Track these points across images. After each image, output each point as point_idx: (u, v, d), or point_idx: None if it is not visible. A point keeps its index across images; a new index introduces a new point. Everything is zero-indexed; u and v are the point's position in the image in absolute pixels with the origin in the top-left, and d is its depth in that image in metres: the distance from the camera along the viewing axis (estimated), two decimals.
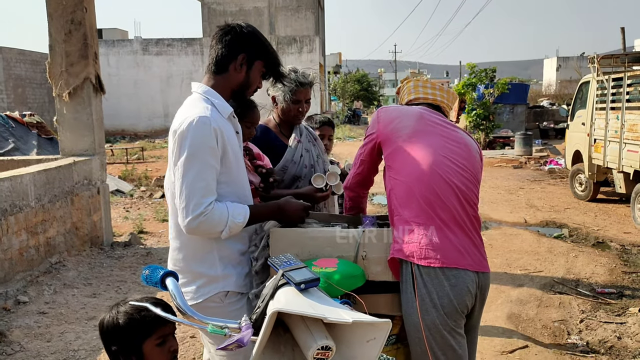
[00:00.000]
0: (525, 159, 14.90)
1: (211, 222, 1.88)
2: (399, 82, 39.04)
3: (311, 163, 2.88)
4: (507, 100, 19.54)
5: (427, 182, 2.06)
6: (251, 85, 2.07)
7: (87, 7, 6.19)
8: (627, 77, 8.09)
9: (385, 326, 1.39)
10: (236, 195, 2.04)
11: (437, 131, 2.20)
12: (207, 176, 1.89)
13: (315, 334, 1.34)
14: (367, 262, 2.07)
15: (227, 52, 2.00)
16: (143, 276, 1.62)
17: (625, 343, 4.01)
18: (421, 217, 2.04)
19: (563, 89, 34.10)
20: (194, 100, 2.00)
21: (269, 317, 1.32)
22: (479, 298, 2.10)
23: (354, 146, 19.54)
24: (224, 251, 2.04)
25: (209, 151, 1.89)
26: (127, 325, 1.56)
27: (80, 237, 6.12)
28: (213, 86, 2.03)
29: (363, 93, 46.41)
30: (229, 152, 1.97)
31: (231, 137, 2.00)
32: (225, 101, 2.03)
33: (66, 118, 6.33)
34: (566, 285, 5.29)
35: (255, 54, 2.03)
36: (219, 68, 2.03)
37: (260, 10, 33.65)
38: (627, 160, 7.85)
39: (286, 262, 1.59)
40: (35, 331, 4.15)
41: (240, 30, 2.02)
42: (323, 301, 1.43)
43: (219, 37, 2.03)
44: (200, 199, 1.86)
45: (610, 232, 7.36)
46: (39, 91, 22.59)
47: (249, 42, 2.02)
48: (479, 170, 2.25)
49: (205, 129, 1.87)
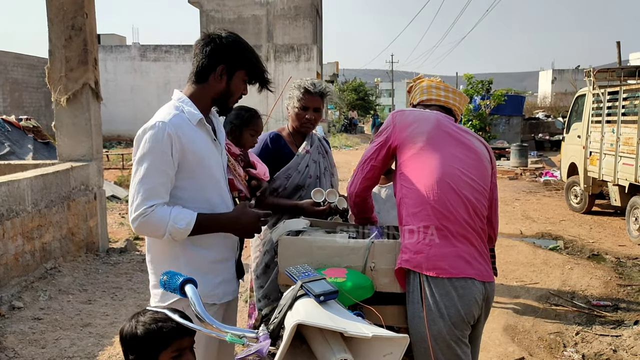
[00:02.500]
0: (520, 170, 14.96)
1: (150, 224, 1.92)
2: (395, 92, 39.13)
3: (317, 174, 2.89)
4: (503, 112, 19.65)
5: (438, 194, 2.07)
6: (233, 94, 2.10)
7: (87, 13, 6.20)
8: (622, 91, 8.17)
9: (403, 341, 1.39)
10: (202, 200, 2.04)
11: (452, 140, 2.19)
12: (154, 179, 1.92)
13: (334, 347, 1.34)
14: (376, 274, 2.07)
15: (207, 63, 2.04)
16: (161, 281, 1.62)
17: (620, 356, 4.02)
18: (430, 228, 2.04)
19: (558, 102, 34.32)
20: (164, 107, 2.06)
21: (290, 330, 1.32)
22: (484, 308, 2.12)
23: (350, 155, 19.54)
24: (192, 258, 2.04)
25: (160, 155, 1.93)
26: (145, 336, 1.55)
27: (76, 243, 6.10)
28: (191, 95, 2.08)
29: (360, 102, 46.53)
30: (190, 158, 1.99)
31: (197, 143, 2.01)
32: (196, 108, 2.05)
33: (64, 123, 6.32)
34: (562, 297, 5.30)
35: (236, 64, 2.05)
36: (199, 78, 2.07)
37: (259, 18, 33.76)
38: (622, 173, 7.90)
39: (305, 273, 1.58)
40: (30, 337, 4.12)
41: (220, 41, 2.03)
42: (341, 314, 1.43)
43: (200, 48, 2.05)
44: (143, 200, 1.91)
45: (606, 245, 7.39)
46: (36, 95, 22.55)
47: (228, 53, 2.04)
48: (488, 181, 2.24)
49: (159, 134, 1.93)
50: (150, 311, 1.60)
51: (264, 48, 29.10)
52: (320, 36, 37.70)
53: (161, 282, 1.63)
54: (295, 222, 2.39)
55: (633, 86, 8.16)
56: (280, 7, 33.82)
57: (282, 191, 2.84)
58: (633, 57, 31.16)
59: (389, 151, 2.27)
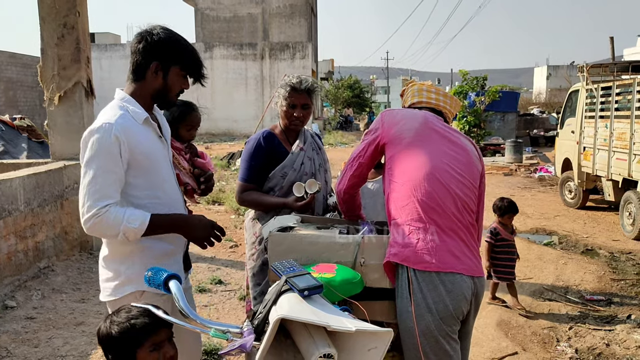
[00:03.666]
0: (515, 166, 14.99)
1: (104, 224, 1.93)
2: (390, 89, 39.19)
3: (312, 171, 2.89)
4: (498, 108, 19.68)
5: (426, 188, 2.07)
6: (170, 90, 2.11)
7: (80, 11, 6.18)
8: (615, 86, 8.19)
9: (387, 335, 1.39)
10: (153, 196, 2.08)
11: (439, 137, 2.21)
12: (103, 180, 1.94)
13: (318, 342, 1.34)
14: (366, 269, 2.07)
15: (141, 60, 2.05)
16: (145, 277, 1.63)
17: (613, 350, 4.04)
18: (418, 222, 2.05)
19: (553, 97, 34.41)
20: (107, 107, 2.07)
21: (273, 324, 1.33)
22: (473, 304, 2.12)
23: (345, 152, 19.55)
24: (145, 251, 2.08)
25: (108, 157, 1.94)
26: (120, 335, 1.58)
27: (69, 242, 6.08)
28: (132, 93, 2.09)
29: (355, 100, 46.52)
30: (138, 156, 2.01)
31: (143, 141, 2.03)
32: (140, 107, 2.07)
33: (57, 122, 6.30)
34: (555, 292, 5.32)
35: (170, 60, 2.06)
36: (136, 75, 2.08)
37: (254, 16, 33.72)
38: (615, 168, 7.93)
39: (290, 268, 1.59)
40: (23, 336, 4.11)
41: (151, 38, 2.04)
42: (326, 308, 1.43)
43: (134, 45, 2.06)
44: (94, 202, 1.92)
45: (599, 240, 7.42)
46: (30, 94, 22.47)
47: (161, 49, 2.04)
48: (477, 177, 2.26)
49: (106, 135, 1.93)
50: (123, 309, 1.62)
51: (260, 46, 29.09)
52: (316, 34, 37.68)
53: (145, 278, 1.64)
54: (286, 218, 2.39)
55: (626, 81, 8.18)
56: (275, 5, 33.78)
57: (278, 190, 2.83)
58: (627, 52, 31.24)
59: (377, 149, 2.30)
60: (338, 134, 29.52)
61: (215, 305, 4.77)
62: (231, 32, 33.62)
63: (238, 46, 28.98)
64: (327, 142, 23.93)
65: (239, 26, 33.75)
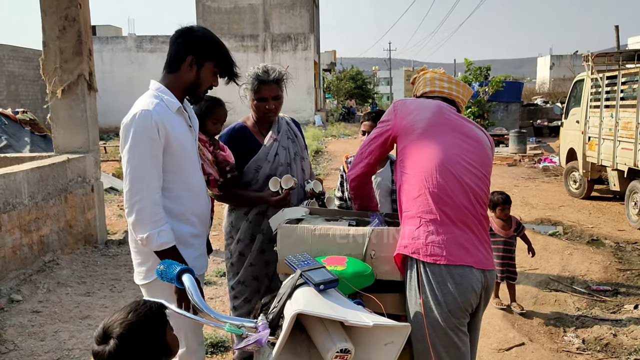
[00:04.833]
0: (519, 156, 14.93)
1: (143, 214, 2.04)
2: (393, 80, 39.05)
3: (287, 161, 2.81)
4: (502, 98, 19.55)
5: (438, 180, 2.04)
6: (202, 84, 2.23)
7: (81, 4, 6.13)
8: (621, 75, 8.12)
9: (405, 330, 1.37)
10: (183, 182, 2.20)
11: (452, 127, 2.18)
12: (148, 166, 2.06)
13: (334, 336, 1.32)
14: (376, 261, 2.06)
15: (178, 54, 2.19)
16: (158, 271, 1.60)
17: (620, 340, 4.02)
18: (429, 214, 2.02)
19: (556, 87, 34.22)
20: (144, 96, 2.18)
21: (290, 319, 1.30)
22: (483, 297, 2.09)
23: (348, 143, 19.50)
24: (177, 233, 2.14)
25: (150, 142, 2.05)
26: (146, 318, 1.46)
27: (74, 235, 6.08)
28: (167, 84, 2.21)
29: (357, 91, 46.35)
30: (173, 143, 2.12)
31: (177, 129, 2.15)
32: (174, 97, 2.18)
33: (60, 115, 6.28)
34: (561, 282, 5.30)
35: (205, 56, 2.19)
36: (171, 67, 2.21)
37: (255, 7, 33.52)
38: (621, 158, 7.88)
39: (304, 262, 1.56)
40: (29, 330, 4.12)
41: (190, 33, 2.20)
42: (342, 303, 1.41)
43: (173, 39, 2.22)
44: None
45: (605, 230, 7.39)
46: (32, 88, 22.42)
47: (198, 44, 2.18)
48: (489, 169, 2.23)
49: (147, 121, 2.04)
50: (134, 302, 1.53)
51: (261, 37, 28.95)
52: (317, 25, 37.47)
53: (157, 271, 1.61)
54: (294, 210, 2.37)
55: (632, 70, 8.11)
56: None
57: (254, 184, 2.76)
58: (632, 41, 31.00)
59: (388, 139, 2.27)
60: (341, 125, 29.43)
61: (221, 298, 4.77)
62: (232, 24, 33.44)
63: (240, 38, 28.83)
64: (330, 134, 23.87)
65: (239, 17, 33.56)
